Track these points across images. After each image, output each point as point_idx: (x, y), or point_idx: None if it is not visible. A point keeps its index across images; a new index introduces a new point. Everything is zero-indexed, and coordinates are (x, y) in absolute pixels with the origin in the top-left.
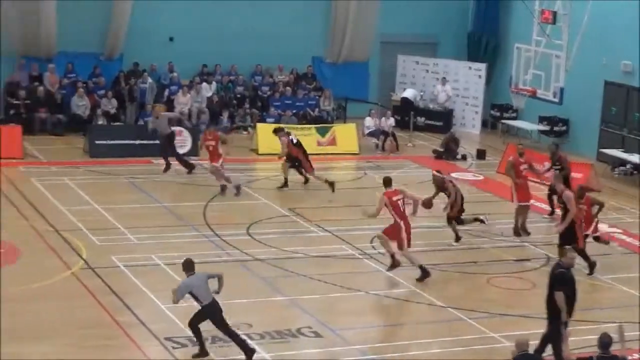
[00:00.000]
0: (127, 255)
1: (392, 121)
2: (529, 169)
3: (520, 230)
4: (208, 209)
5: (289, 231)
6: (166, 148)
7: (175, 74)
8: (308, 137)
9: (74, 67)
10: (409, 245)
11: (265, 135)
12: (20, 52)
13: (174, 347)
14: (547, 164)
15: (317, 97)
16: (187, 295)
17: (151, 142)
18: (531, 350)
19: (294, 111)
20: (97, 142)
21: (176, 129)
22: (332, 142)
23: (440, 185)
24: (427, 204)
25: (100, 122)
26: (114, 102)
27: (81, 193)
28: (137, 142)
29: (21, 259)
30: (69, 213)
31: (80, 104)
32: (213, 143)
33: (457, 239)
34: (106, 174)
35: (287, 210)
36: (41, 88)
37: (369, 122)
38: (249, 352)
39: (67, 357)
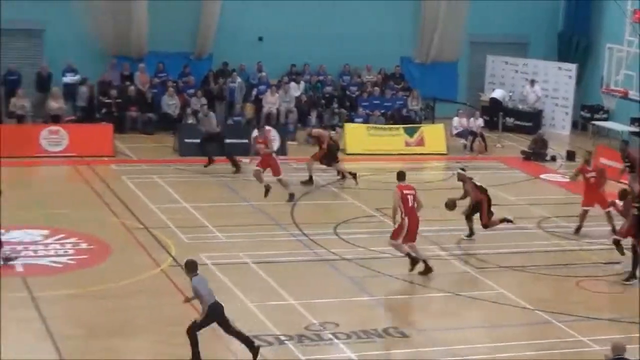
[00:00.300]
0: (215, 253)
1: (480, 121)
2: (597, 176)
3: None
4: (296, 208)
5: (376, 231)
6: (211, 146)
7: (263, 74)
8: (396, 137)
9: (164, 66)
10: (410, 239)
11: (353, 135)
12: (112, 51)
13: (261, 346)
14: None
15: (405, 97)
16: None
17: (240, 140)
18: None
19: (382, 111)
20: (186, 140)
21: (266, 128)
22: (420, 142)
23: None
24: (451, 205)
25: (189, 121)
26: (204, 101)
27: (170, 191)
28: (227, 141)
29: (112, 256)
30: (158, 211)
31: (170, 103)
32: (262, 146)
33: (507, 221)
34: (195, 172)
35: (374, 210)
36: (132, 87)
37: (458, 122)
38: (253, 348)
39: (157, 353)
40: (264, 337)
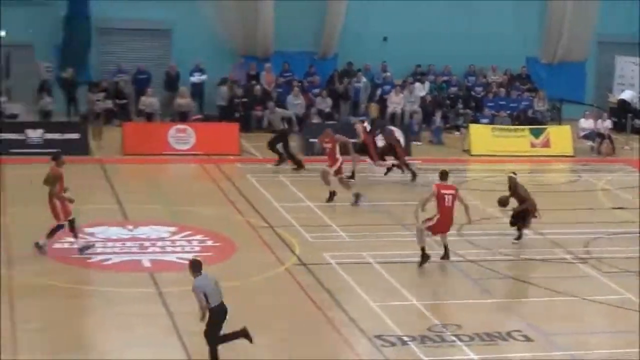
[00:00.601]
0: (339, 253)
1: (608, 123)
2: None
3: None
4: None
5: (500, 233)
6: (275, 143)
7: (388, 74)
8: (521, 138)
9: (289, 66)
10: (434, 231)
11: (478, 136)
12: (238, 51)
13: (383, 346)
14: None
15: (531, 98)
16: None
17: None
18: None
19: (508, 112)
20: (311, 140)
21: (391, 128)
22: (546, 143)
23: (513, 189)
24: (504, 201)
25: (314, 121)
26: (329, 101)
27: (295, 190)
28: (352, 140)
29: (237, 254)
30: (282, 209)
31: (296, 103)
32: (329, 146)
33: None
34: (320, 171)
35: (499, 211)
36: (258, 87)
37: (585, 124)
38: (245, 335)
39: (281, 351)
40: (386, 337)
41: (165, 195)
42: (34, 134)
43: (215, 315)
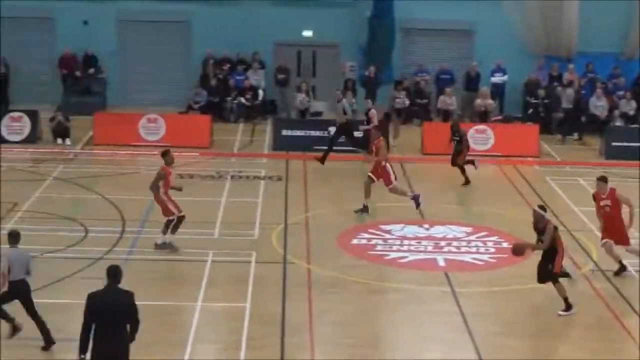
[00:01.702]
0: (638, 260)
1: None
2: None
3: None
4: None
5: None
6: (335, 138)
7: None
8: None
9: (593, 67)
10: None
11: None
12: (540, 52)
13: None
14: None
15: None
16: None
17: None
18: None
19: None
20: (614, 143)
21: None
22: None
23: (539, 224)
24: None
25: (617, 124)
26: (633, 103)
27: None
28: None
29: (532, 257)
30: (580, 213)
31: (598, 105)
32: (373, 150)
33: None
34: (623, 176)
35: None
36: (560, 88)
37: None
38: (48, 341)
39: (573, 355)
40: None
41: (462, 195)
42: None
43: (12, 288)
